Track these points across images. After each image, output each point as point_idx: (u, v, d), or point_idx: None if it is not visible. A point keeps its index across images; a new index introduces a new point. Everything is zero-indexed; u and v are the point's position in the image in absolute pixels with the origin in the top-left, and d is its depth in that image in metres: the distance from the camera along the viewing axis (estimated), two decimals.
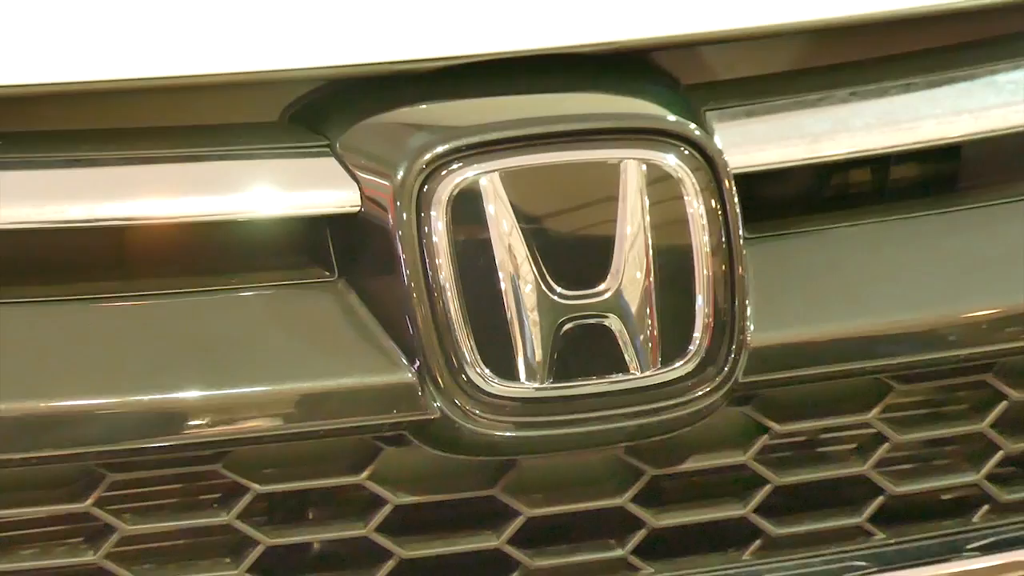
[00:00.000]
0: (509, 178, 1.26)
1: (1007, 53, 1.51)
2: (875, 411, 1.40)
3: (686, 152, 1.29)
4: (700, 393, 1.28)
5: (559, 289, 1.25)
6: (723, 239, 1.30)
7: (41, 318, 1.26)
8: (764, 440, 1.35)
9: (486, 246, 1.26)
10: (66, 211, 1.26)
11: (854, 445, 1.42)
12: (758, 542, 1.36)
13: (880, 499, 1.40)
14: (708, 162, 1.30)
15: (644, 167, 1.29)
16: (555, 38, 1.35)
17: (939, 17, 1.47)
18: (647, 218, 1.29)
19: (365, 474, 1.26)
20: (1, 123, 1.31)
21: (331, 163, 1.28)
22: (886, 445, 1.40)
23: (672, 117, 1.31)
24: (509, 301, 1.26)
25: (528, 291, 1.26)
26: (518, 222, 1.26)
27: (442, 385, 1.24)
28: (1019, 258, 1.46)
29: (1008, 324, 1.43)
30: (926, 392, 1.46)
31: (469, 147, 1.26)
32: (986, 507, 1.44)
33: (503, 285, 1.26)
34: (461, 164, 1.25)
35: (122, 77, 1.29)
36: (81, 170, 1.29)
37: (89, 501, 1.22)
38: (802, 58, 1.48)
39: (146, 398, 1.24)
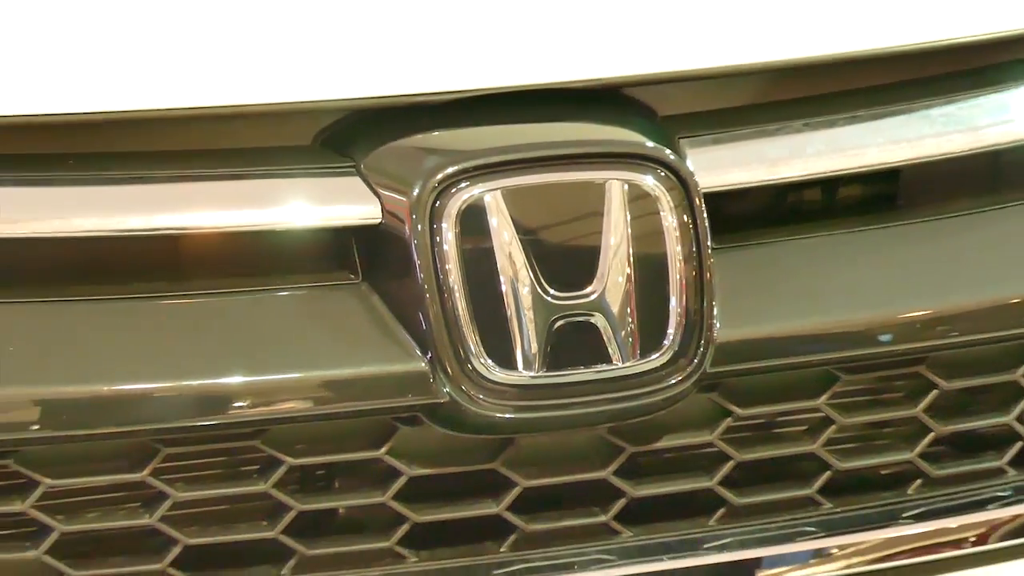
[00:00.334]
0: (509, 195, 1.32)
1: (939, 90, 1.55)
2: (823, 398, 1.45)
3: (662, 174, 1.34)
4: (673, 382, 1.33)
5: (552, 291, 1.30)
6: (694, 249, 1.35)
7: (109, 314, 1.31)
8: (728, 422, 1.40)
9: (489, 254, 1.31)
10: (128, 221, 1.31)
11: (805, 427, 1.47)
12: (722, 510, 1.41)
13: (828, 473, 1.44)
14: (681, 183, 1.34)
15: (626, 186, 1.34)
16: (549, 75, 1.39)
17: (880, 59, 1.52)
18: (628, 230, 1.34)
19: (384, 450, 1.32)
20: (76, 145, 1.35)
21: (356, 182, 1.32)
22: (833, 427, 1.44)
23: (650, 144, 1.35)
24: (509, 301, 1.31)
25: (525, 292, 1.31)
26: (517, 233, 1.31)
27: (451, 373, 1.29)
28: (947, 267, 1.51)
29: (938, 324, 1.48)
30: (868, 381, 1.50)
31: (475, 168, 1.31)
32: (919, 481, 1.48)
33: (504, 287, 1.30)
34: (468, 183, 1.30)
35: (179, 106, 1.34)
36: (142, 186, 1.33)
37: (146, 471, 1.27)
38: (762, 93, 1.52)
39: (196, 383, 1.29)
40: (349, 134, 1.37)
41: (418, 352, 1.30)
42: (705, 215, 1.36)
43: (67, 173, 1.34)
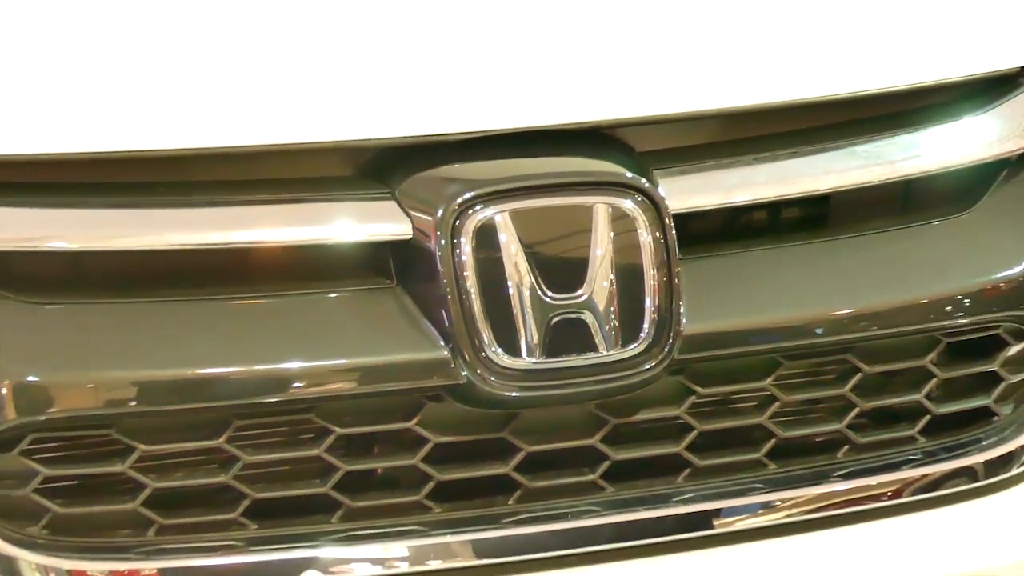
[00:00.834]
0: (515, 216, 1.39)
1: (863, 131, 1.59)
2: (769, 379, 1.52)
3: (639, 199, 1.42)
4: (648, 367, 1.41)
5: (550, 293, 1.38)
6: (664, 259, 1.41)
7: (193, 312, 1.39)
8: (692, 399, 1.47)
9: (499, 263, 1.38)
10: (208, 237, 1.39)
11: (755, 403, 1.53)
12: (687, 471, 1.49)
13: (773, 441, 1.51)
14: (654, 206, 1.42)
15: (609, 209, 1.41)
16: (547, 118, 1.46)
17: (815, 105, 1.58)
18: (611, 244, 1.41)
19: (414, 421, 1.39)
20: (164, 174, 1.42)
21: (392, 205, 1.39)
22: (777, 403, 1.51)
23: (629, 174, 1.43)
24: (515, 301, 1.38)
25: (527, 294, 1.38)
26: (522, 246, 1.39)
27: (468, 360, 1.37)
28: (869, 274, 1.55)
29: (861, 320, 1.54)
30: (806, 366, 1.56)
31: (487, 195, 1.38)
32: (847, 447, 1.55)
33: (511, 290, 1.37)
34: (482, 206, 1.38)
35: (251, 144, 1.41)
36: (220, 209, 1.40)
37: (222, 439, 1.36)
38: (719, 133, 1.57)
39: (263, 368, 1.38)
40: (386, 166, 1.43)
41: (441, 343, 1.37)
42: (674, 232, 1.42)
43: (160, 197, 1.40)
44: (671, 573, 1.48)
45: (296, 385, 1.39)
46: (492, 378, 1.38)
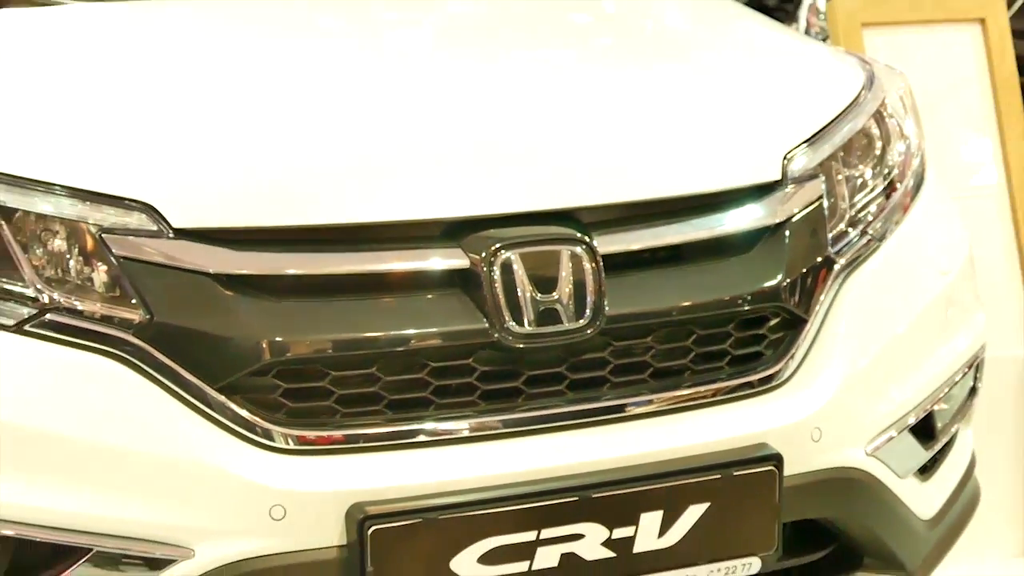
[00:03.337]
0: (521, 256, 1.46)
1: (697, 211, 1.59)
2: (650, 337, 1.54)
3: (584, 247, 1.48)
4: (588, 331, 1.47)
5: (539, 295, 1.45)
6: (597, 277, 1.48)
7: (359, 304, 1.44)
8: (611, 347, 1.51)
9: (512, 280, 1.45)
10: (367, 268, 1.44)
11: (643, 349, 1.53)
12: (607, 384, 1.52)
13: (651, 368, 1.54)
14: (591, 251, 1.48)
15: (569, 252, 1.47)
16: (539, 207, 1.51)
17: (669, 199, 1.58)
18: (570, 270, 1.47)
19: (471, 359, 1.45)
20: (346, 235, 1.44)
21: (459, 250, 1.45)
22: (654, 349, 1.53)
23: (579, 235, 1.49)
24: (521, 298, 1.45)
25: (527, 295, 1.45)
26: (524, 271, 1.45)
27: (497, 328, 1.44)
28: (701, 285, 1.56)
29: (697, 307, 1.55)
30: (670, 329, 1.54)
31: (507, 246, 1.45)
32: (689, 371, 1.55)
33: (518, 293, 1.45)
34: (505, 251, 1.45)
35: (378, 220, 1.46)
36: (373, 253, 1.44)
37: (373, 368, 1.41)
38: (627, 210, 1.56)
39: (396, 333, 1.42)
40: (454, 230, 1.47)
41: (484, 320, 1.44)
42: (601, 263, 1.48)
43: (341, 247, 1.43)
44: (600, 436, 1.49)
45: (413, 341, 1.44)
46: (509, 338, 1.45)
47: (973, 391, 1.85)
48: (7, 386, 1.32)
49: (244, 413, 1.39)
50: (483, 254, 1.47)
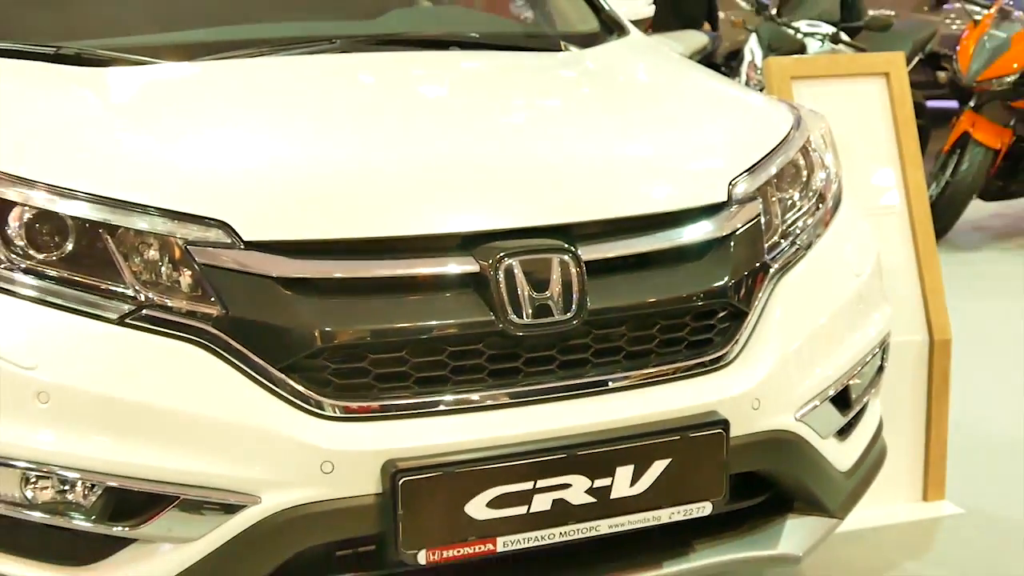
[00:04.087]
0: (521, 263, 1.45)
1: (658, 226, 1.55)
2: (624, 326, 1.50)
3: (570, 255, 1.47)
4: (574, 321, 1.46)
5: (535, 293, 1.44)
6: (581, 279, 1.46)
7: (394, 300, 1.42)
8: (592, 334, 1.48)
9: (514, 281, 1.44)
10: (398, 272, 1.43)
11: (618, 336, 1.50)
12: (589, 364, 1.49)
13: (624, 351, 1.51)
14: (576, 258, 1.47)
15: (559, 259, 1.46)
16: (536, 223, 1.49)
17: (636, 216, 1.55)
18: (560, 273, 1.46)
19: (481, 344, 1.43)
20: (383, 246, 1.42)
21: (472, 259, 1.44)
22: (626, 336, 1.50)
23: (567, 245, 1.47)
24: (520, 296, 1.44)
25: (525, 293, 1.44)
26: (523, 275, 1.44)
27: (502, 318, 1.43)
28: (662, 286, 1.53)
29: (659, 303, 1.51)
30: (639, 319, 1.51)
31: (510, 255, 1.44)
32: (654, 354, 1.52)
33: (518, 292, 1.44)
34: (508, 259, 1.44)
35: (409, 233, 1.44)
36: (403, 260, 1.43)
37: (403, 352, 1.39)
38: (602, 226, 1.53)
39: (423, 323, 1.40)
40: (467, 242, 1.47)
41: (491, 313, 1.43)
42: (585, 269, 1.47)
43: (375, 255, 1.42)
44: (584, 406, 1.47)
45: (435, 330, 1.42)
46: (511, 327, 1.44)
47: (881, 369, 1.83)
48: (111, 367, 1.34)
49: (300, 388, 1.38)
50: (490, 261, 1.46)
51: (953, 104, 5.16)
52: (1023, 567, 2.12)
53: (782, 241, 1.68)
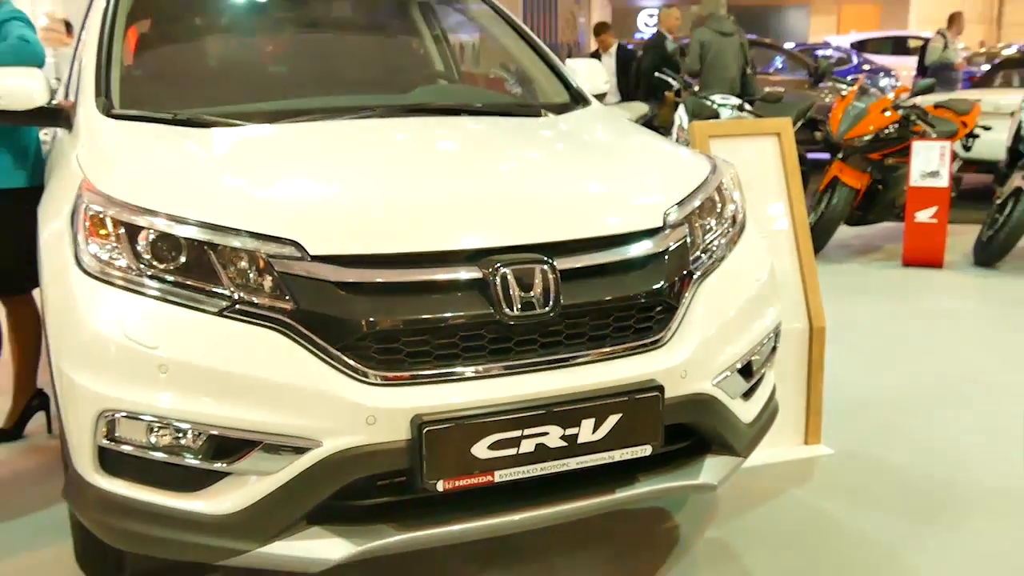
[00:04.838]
0: (513, 271, 1.43)
1: (612, 245, 1.52)
2: (587, 317, 1.47)
3: (548, 266, 1.45)
4: (552, 313, 1.44)
5: (522, 294, 1.43)
6: (557, 284, 1.45)
7: (419, 299, 1.39)
8: (564, 323, 1.45)
9: (507, 285, 1.42)
10: (417, 278, 1.40)
11: (584, 324, 1.47)
12: (562, 345, 1.46)
13: (588, 335, 1.47)
14: (553, 268, 1.45)
15: (540, 268, 1.45)
16: (523, 241, 1.46)
17: (598, 237, 1.50)
18: (541, 278, 1.44)
19: (482, 331, 1.40)
20: (413, 261, 1.40)
21: (476, 268, 1.42)
22: (590, 324, 1.47)
23: (546, 258, 1.46)
24: (512, 295, 1.42)
25: (515, 294, 1.42)
26: (514, 280, 1.42)
27: (496, 312, 1.40)
28: (616, 287, 1.50)
29: (615, 300, 1.48)
30: (598, 312, 1.47)
31: (504, 264, 1.42)
32: (608, 338, 1.49)
33: (510, 292, 1.42)
34: (503, 268, 1.43)
35: (426, 249, 1.41)
36: (419, 270, 1.40)
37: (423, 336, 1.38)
38: (577, 246, 1.49)
39: (437, 315, 1.38)
40: (474, 256, 1.44)
41: (490, 307, 1.41)
42: (559, 275, 1.46)
43: (402, 265, 1.39)
44: (558, 375, 1.44)
45: (450, 320, 1.40)
46: (506, 318, 1.42)
47: (774, 348, 1.81)
48: (213, 347, 1.34)
49: (351, 362, 1.37)
50: (490, 269, 1.44)
51: (826, 156, 5.33)
52: (875, 489, 2.16)
53: (702, 255, 1.66)
